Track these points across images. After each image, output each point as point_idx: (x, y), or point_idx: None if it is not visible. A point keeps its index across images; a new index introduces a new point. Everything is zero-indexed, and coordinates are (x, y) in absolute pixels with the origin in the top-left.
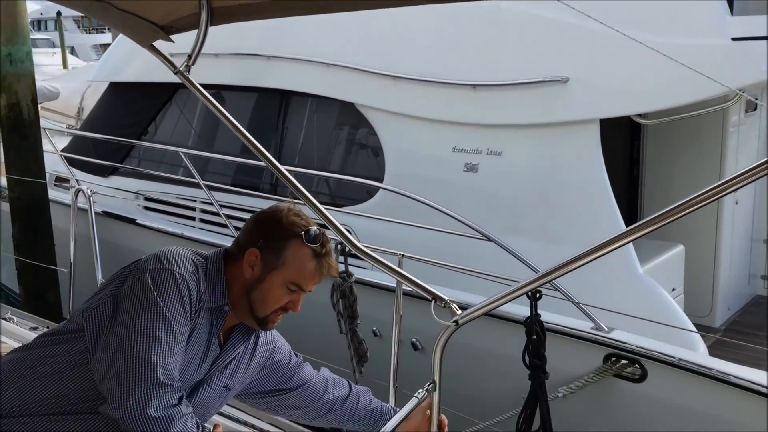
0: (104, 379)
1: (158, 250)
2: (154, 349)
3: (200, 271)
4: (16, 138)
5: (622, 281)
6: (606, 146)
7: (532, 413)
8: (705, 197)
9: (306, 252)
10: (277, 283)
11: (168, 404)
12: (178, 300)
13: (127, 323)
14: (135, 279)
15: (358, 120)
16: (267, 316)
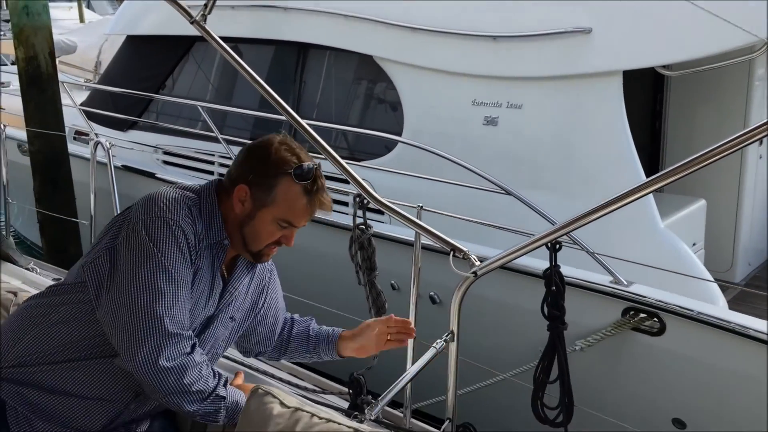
0: (112, 334)
1: (148, 196)
2: (158, 301)
3: (194, 211)
4: (35, 91)
5: (643, 235)
6: (628, 99)
7: (549, 364)
8: (726, 147)
9: (296, 189)
10: (267, 219)
11: (180, 353)
12: (175, 247)
13: (127, 278)
14: (129, 231)
15: (377, 73)
16: (260, 251)
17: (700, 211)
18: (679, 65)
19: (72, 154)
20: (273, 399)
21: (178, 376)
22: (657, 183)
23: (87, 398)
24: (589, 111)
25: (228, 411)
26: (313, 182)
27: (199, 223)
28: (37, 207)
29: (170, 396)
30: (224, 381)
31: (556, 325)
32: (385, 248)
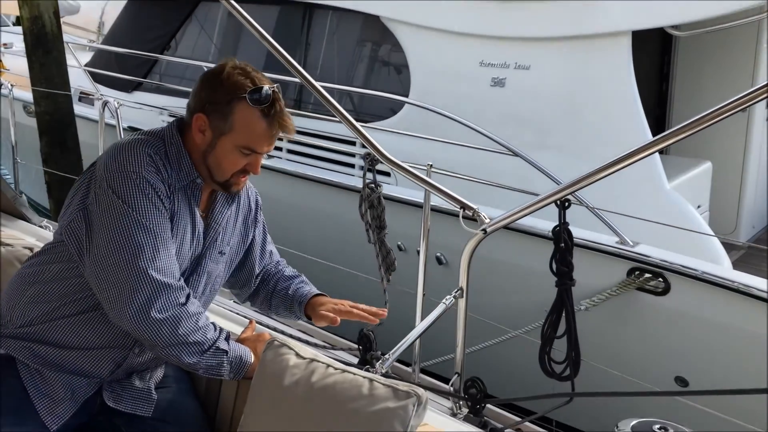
0: (101, 295)
1: (110, 150)
2: (139, 256)
3: (157, 158)
4: (40, 52)
5: (649, 197)
6: (636, 61)
7: (557, 319)
8: (732, 106)
9: (254, 114)
10: (228, 147)
11: (172, 304)
12: (144, 198)
13: (105, 238)
14: (97, 189)
15: (383, 34)
16: (227, 180)
17: (706, 173)
18: (688, 26)
19: (77, 115)
20: (289, 350)
21: (173, 327)
22: (663, 142)
23: (90, 348)
24: (597, 72)
25: (232, 366)
26: (271, 105)
27: (165, 169)
28: (45, 168)
29: (168, 348)
30: (226, 335)
31: (564, 281)
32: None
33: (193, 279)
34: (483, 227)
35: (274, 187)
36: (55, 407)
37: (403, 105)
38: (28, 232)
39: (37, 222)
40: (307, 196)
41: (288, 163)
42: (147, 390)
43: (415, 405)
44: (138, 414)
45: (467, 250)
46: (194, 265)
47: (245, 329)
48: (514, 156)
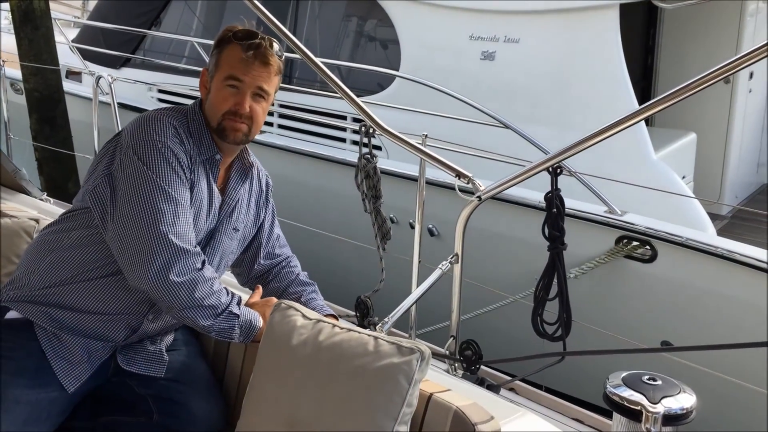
0: (122, 257)
1: (137, 121)
2: (160, 220)
3: (181, 131)
4: (29, 28)
5: (637, 167)
6: (622, 34)
7: (549, 281)
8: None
9: (236, 47)
10: (217, 85)
11: (190, 269)
12: (168, 167)
13: (128, 202)
14: (123, 156)
15: (371, 8)
16: (220, 123)
17: (691, 144)
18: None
19: (66, 92)
20: (296, 312)
21: (190, 290)
22: (649, 110)
23: (106, 314)
24: (586, 44)
25: (242, 329)
26: (253, 40)
27: (188, 142)
28: (35, 144)
29: (184, 311)
30: (238, 300)
31: (556, 245)
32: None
33: (208, 252)
34: (478, 194)
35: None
36: (73, 369)
37: (393, 80)
38: (29, 204)
39: (38, 195)
40: (298, 169)
41: (279, 138)
42: (159, 352)
43: (418, 360)
44: (150, 374)
45: (462, 216)
46: (209, 237)
47: (253, 294)
48: (504, 128)
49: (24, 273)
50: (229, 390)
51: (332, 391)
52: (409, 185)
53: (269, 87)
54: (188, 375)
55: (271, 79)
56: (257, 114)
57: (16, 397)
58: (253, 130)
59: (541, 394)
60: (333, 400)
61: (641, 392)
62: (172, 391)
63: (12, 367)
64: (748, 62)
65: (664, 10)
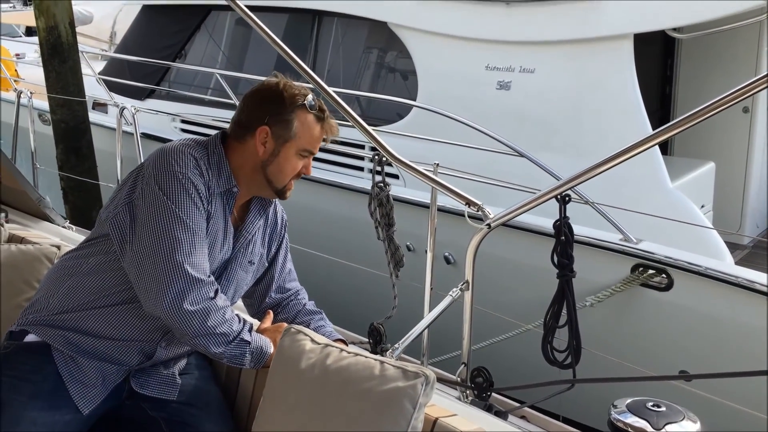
0: (138, 284)
1: (159, 152)
2: (177, 250)
3: (201, 163)
4: (56, 61)
5: (652, 195)
6: (639, 64)
7: (559, 309)
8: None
9: (311, 118)
10: (291, 153)
11: (203, 298)
12: (187, 198)
13: (147, 230)
14: (144, 186)
15: (390, 40)
16: (284, 186)
17: (709, 173)
18: (690, 28)
19: (92, 123)
20: (304, 336)
21: (202, 319)
22: (661, 136)
23: (121, 340)
24: (600, 74)
25: (253, 355)
26: (321, 110)
27: (207, 173)
28: (61, 174)
29: (197, 338)
30: (249, 327)
31: (565, 273)
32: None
33: (222, 282)
34: (487, 222)
35: None
36: (87, 392)
37: (411, 109)
38: (52, 232)
39: (61, 223)
40: (317, 197)
41: None
42: (172, 375)
43: (423, 384)
44: (163, 397)
45: (472, 244)
46: (223, 268)
47: (264, 319)
48: (519, 157)
49: (43, 297)
50: (240, 414)
51: (339, 414)
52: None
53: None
54: (200, 398)
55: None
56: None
57: (33, 419)
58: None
59: (551, 421)
60: (339, 422)
61: (645, 418)
62: (185, 414)
63: (29, 390)
64: (762, 86)
65: (681, 39)
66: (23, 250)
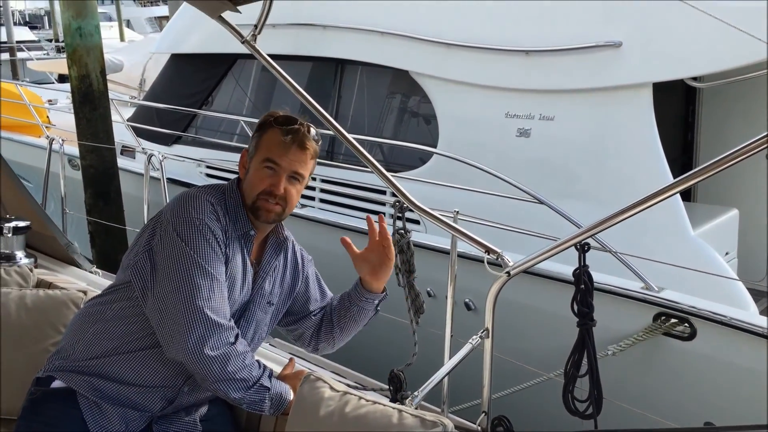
0: (161, 329)
1: (177, 199)
2: (197, 296)
3: (218, 208)
4: (87, 109)
5: (673, 243)
6: (660, 111)
7: (579, 358)
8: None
9: (275, 131)
10: (255, 166)
11: (224, 343)
12: (205, 243)
13: (167, 277)
14: (163, 232)
15: (411, 87)
16: (254, 202)
17: (733, 220)
18: (710, 77)
19: (120, 168)
20: (323, 384)
21: (222, 364)
22: (682, 184)
23: (144, 386)
24: (619, 122)
25: (273, 402)
26: (294, 128)
27: (225, 218)
28: (89, 219)
29: (217, 383)
30: (269, 373)
31: (585, 322)
32: (421, 256)
33: (242, 324)
34: (507, 270)
35: (307, 235)
36: None
37: (432, 155)
38: (79, 277)
39: (88, 268)
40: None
41: (320, 211)
42: (193, 422)
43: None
44: None
45: (492, 292)
46: (242, 310)
47: (285, 366)
48: (539, 204)
49: (69, 343)
50: None
51: None
52: (447, 259)
53: (304, 170)
54: None
55: (307, 163)
56: (291, 196)
57: None
58: (286, 211)
59: None
60: None
61: None
62: None
63: None
64: None
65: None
66: (51, 295)
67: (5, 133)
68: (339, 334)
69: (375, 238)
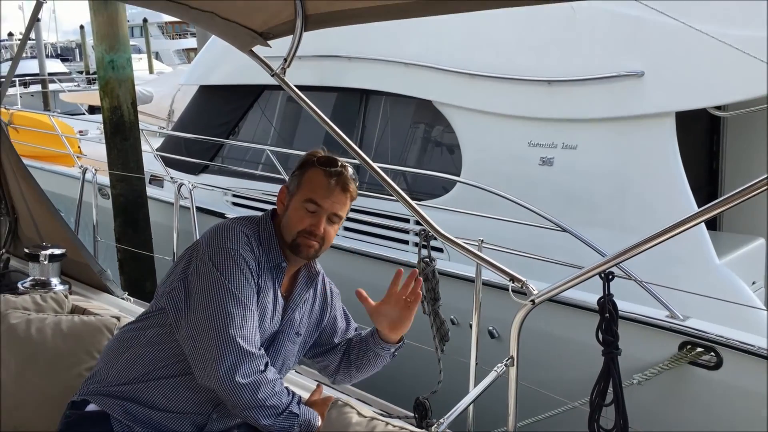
0: (193, 356)
1: (212, 230)
2: (230, 324)
3: (252, 240)
4: (118, 139)
5: (699, 272)
6: (685, 139)
7: (605, 387)
8: None
9: (318, 172)
10: (296, 205)
11: (254, 371)
12: (239, 273)
13: (201, 304)
14: (198, 262)
15: (435, 117)
16: (294, 240)
17: (760, 249)
18: (733, 106)
19: (149, 197)
20: (351, 409)
21: (253, 391)
22: (707, 214)
23: (175, 411)
24: (642, 151)
25: (302, 428)
26: (335, 167)
27: (258, 249)
28: (118, 246)
29: (248, 410)
30: (298, 399)
31: (610, 350)
32: (445, 284)
33: (271, 353)
34: (531, 298)
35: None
36: None
37: (455, 184)
38: (112, 303)
39: (120, 294)
40: (363, 270)
41: (344, 239)
42: None
43: None
44: None
45: (517, 320)
46: (271, 340)
47: (313, 392)
48: (563, 232)
49: (103, 368)
50: None
51: None
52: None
53: (343, 212)
54: None
55: (347, 204)
56: (329, 235)
57: None
58: (323, 249)
59: None
60: None
61: None
62: None
63: None
64: None
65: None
66: (85, 321)
67: (39, 163)
68: (356, 373)
69: (396, 291)
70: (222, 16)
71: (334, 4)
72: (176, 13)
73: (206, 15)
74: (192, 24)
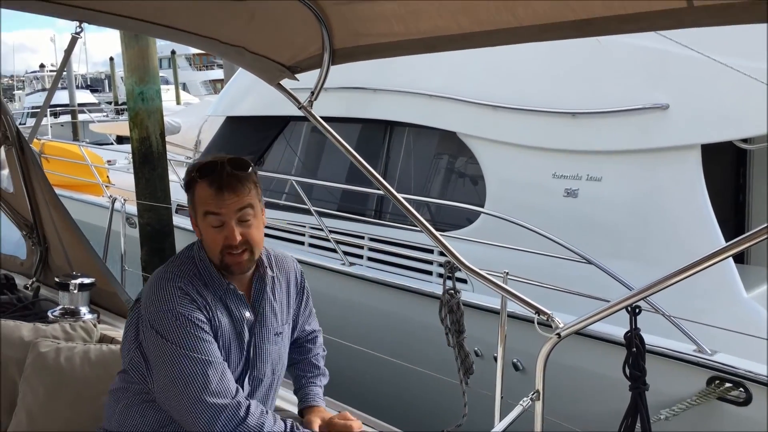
0: (176, 418)
1: (148, 289)
2: (192, 386)
3: (190, 287)
4: (147, 169)
5: (726, 306)
6: (711, 172)
7: (633, 422)
8: None
9: (202, 185)
10: (202, 225)
11: (234, 422)
12: (185, 333)
13: (161, 374)
14: (144, 329)
15: (459, 148)
16: (221, 261)
17: None
18: (759, 138)
19: (175, 226)
20: None
21: None
22: (735, 248)
23: None
24: (668, 183)
25: None
26: (216, 175)
27: (198, 290)
28: (144, 275)
29: None
30: (291, 426)
31: (638, 385)
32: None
33: (257, 366)
34: (557, 331)
35: (356, 293)
36: None
37: (479, 215)
38: None
39: None
40: (387, 300)
41: (368, 269)
42: None
43: None
44: None
45: (542, 353)
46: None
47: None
48: (587, 263)
49: (107, 420)
50: None
51: None
52: (494, 318)
53: (249, 202)
54: None
55: (246, 195)
56: (251, 236)
57: None
58: (255, 251)
59: None
60: None
61: None
62: None
63: None
64: None
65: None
66: (113, 350)
67: (68, 192)
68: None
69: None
70: (251, 51)
71: (361, 38)
72: (207, 48)
73: (236, 50)
74: (221, 58)
